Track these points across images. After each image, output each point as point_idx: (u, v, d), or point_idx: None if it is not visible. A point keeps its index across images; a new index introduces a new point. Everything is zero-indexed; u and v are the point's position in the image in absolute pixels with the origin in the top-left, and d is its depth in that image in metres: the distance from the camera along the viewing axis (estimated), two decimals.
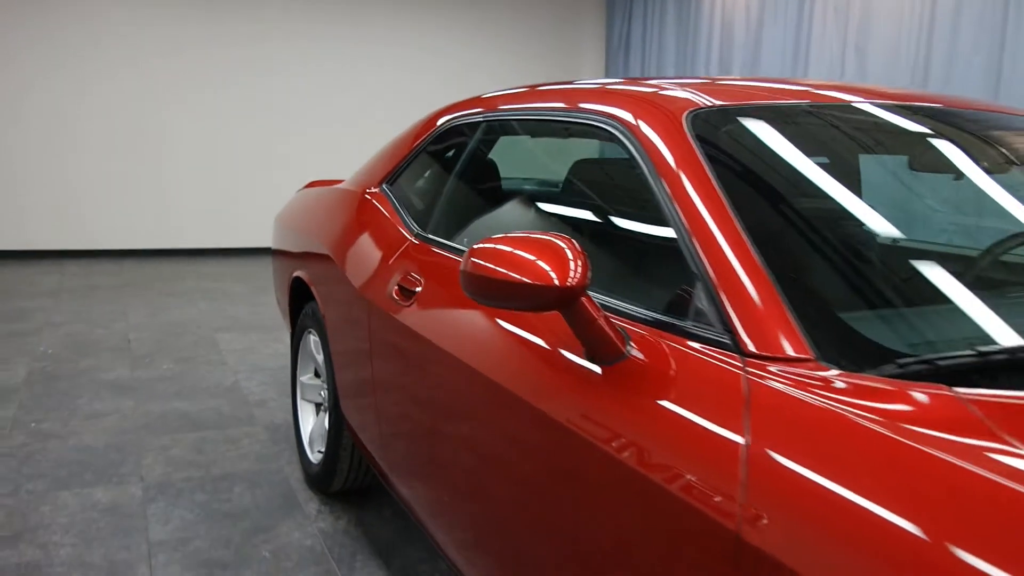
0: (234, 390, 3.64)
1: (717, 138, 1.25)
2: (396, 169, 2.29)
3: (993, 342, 0.92)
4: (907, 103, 1.48)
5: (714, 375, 0.96)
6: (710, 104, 1.33)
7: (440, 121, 2.21)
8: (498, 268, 1.09)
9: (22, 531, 2.28)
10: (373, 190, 2.35)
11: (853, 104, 1.42)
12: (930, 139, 1.41)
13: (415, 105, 7.89)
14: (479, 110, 2.02)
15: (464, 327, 1.49)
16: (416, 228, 1.99)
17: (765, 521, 0.80)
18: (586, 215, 1.58)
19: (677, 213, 1.15)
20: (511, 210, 1.83)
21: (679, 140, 1.24)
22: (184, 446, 2.96)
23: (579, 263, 1.06)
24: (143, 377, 3.78)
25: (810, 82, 1.60)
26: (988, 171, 1.33)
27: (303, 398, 2.80)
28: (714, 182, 1.15)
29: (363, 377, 2.06)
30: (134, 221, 7.31)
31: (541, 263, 1.06)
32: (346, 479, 2.48)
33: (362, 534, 2.36)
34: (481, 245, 1.13)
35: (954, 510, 0.68)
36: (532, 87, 1.91)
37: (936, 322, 0.98)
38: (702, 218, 1.12)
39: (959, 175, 1.44)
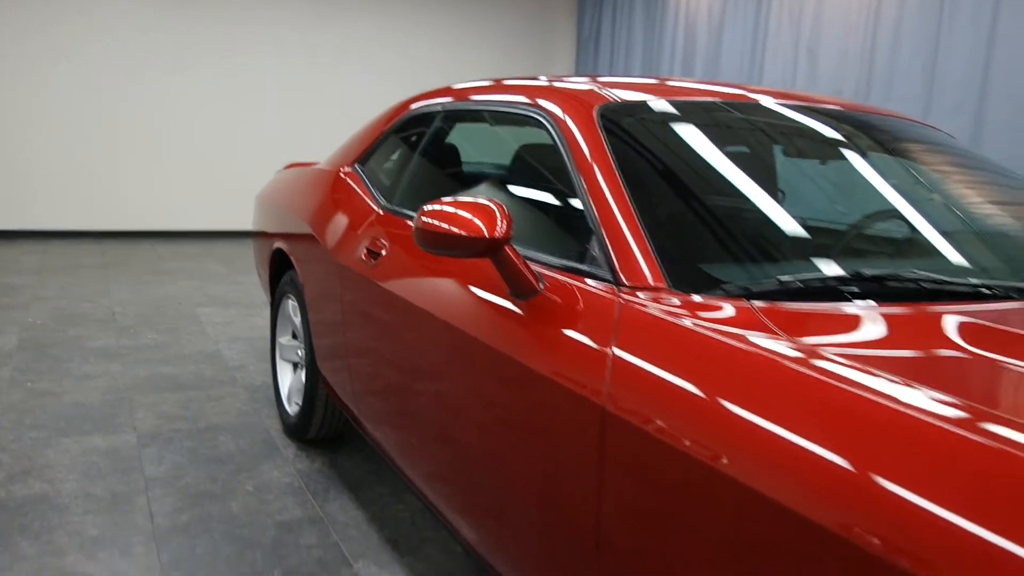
0: (215, 357, 3.93)
1: (619, 127, 1.58)
2: (367, 151, 2.60)
3: (789, 274, 1.26)
4: (785, 102, 1.82)
5: (598, 302, 1.29)
6: (617, 100, 1.66)
7: (406, 109, 2.52)
8: (442, 224, 1.41)
9: (30, 469, 2.57)
10: (347, 169, 2.66)
11: (737, 102, 1.76)
12: (800, 131, 1.75)
13: (389, 93, 8.15)
14: (441, 100, 2.33)
15: (419, 279, 1.81)
16: (383, 201, 2.30)
17: (620, 397, 1.13)
18: (520, 188, 1.90)
19: (583, 186, 1.48)
20: (462, 184, 2.15)
21: (589, 129, 1.57)
22: (171, 403, 3.24)
23: (504, 220, 1.38)
24: (129, 345, 4.05)
25: (721, 84, 1.94)
26: (841, 157, 1.68)
27: (282, 358, 3.10)
28: (612, 162, 1.48)
29: (336, 332, 2.37)
30: (116, 203, 7.52)
31: (475, 220, 1.38)
32: (320, 427, 2.79)
33: (335, 473, 2.68)
34: (429, 207, 1.45)
35: (737, 376, 1.01)
36: (488, 81, 2.22)
37: (754, 262, 1.32)
38: (600, 189, 1.45)
39: (824, 161, 1.79)
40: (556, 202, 1.67)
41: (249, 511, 2.37)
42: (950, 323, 1.11)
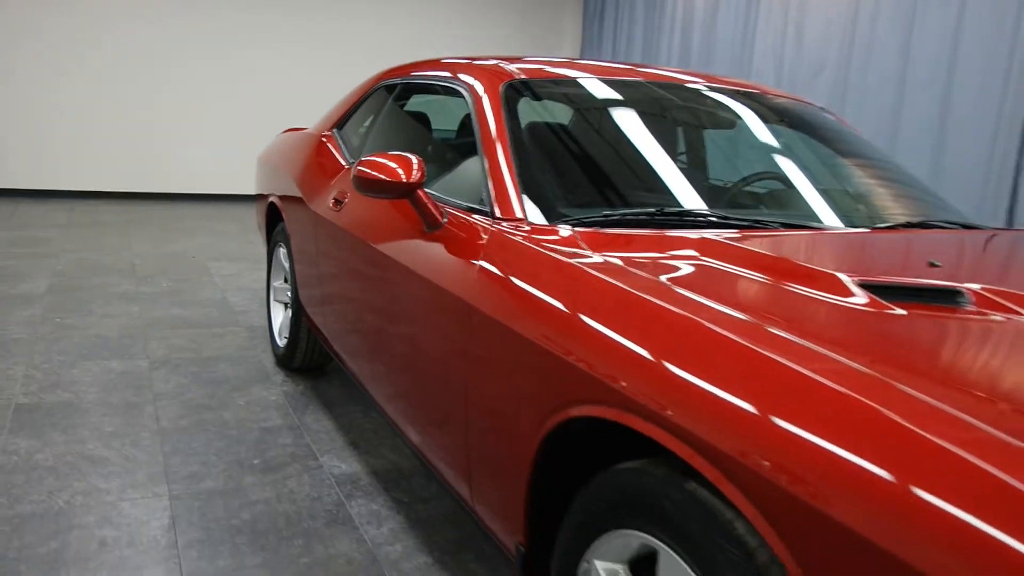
0: (222, 303, 4.39)
1: (517, 99, 1.98)
2: (344, 117, 3.02)
3: (610, 211, 1.67)
4: (662, 80, 2.20)
5: (478, 230, 1.70)
6: (519, 76, 2.05)
7: (376, 82, 2.92)
8: (371, 171, 1.82)
9: (58, 383, 3.04)
10: (327, 133, 3.07)
11: (619, 78, 2.15)
12: (663, 103, 2.14)
13: (384, 67, 8.54)
14: (401, 74, 2.73)
15: (368, 221, 2.23)
16: (351, 159, 2.72)
17: (479, 295, 1.55)
18: (447, 146, 2.31)
19: (481, 144, 1.89)
20: (407, 143, 2.56)
21: (494, 99, 1.97)
22: (181, 338, 3.72)
23: (419, 170, 1.80)
24: (146, 291, 4.53)
25: (627, 65, 2.31)
26: (699, 125, 2.06)
27: (275, 299, 3.55)
28: (505, 126, 1.88)
29: (313, 271, 2.80)
30: (138, 167, 8.01)
31: (397, 168, 1.80)
32: (304, 357, 3.24)
33: (315, 395, 3.13)
34: (364, 158, 1.87)
35: (550, 275, 1.42)
36: (437, 59, 2.62)
37: (591, 203, 1.73)
38: (493, 146, 1.85)
39: (682, 127, 2.17)
40: (467, 158, 2.07)
41: (239, 419, 2.83)
42: (708, 244, 1.51)
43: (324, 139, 3.06)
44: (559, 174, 1.80)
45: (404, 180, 1.78)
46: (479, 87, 2.07)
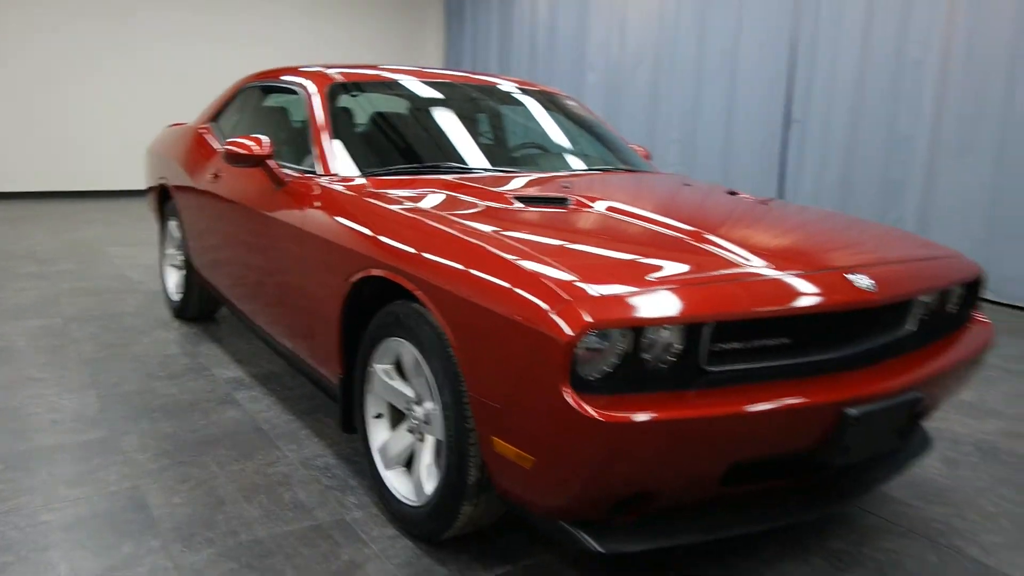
0: (121, 276, 5.09)
1: (336, 96, 2.88)
2: (218, 112, 3.84)
3: (394, 165, 2.61)
4: (441, 79, 3.16)
5: (312, 185, 2.60)
6: (339, 79, 2.96)
7: (241, 84, 3.76)
8: (234, 148, 2.69)
9: None
10: (205, 125, 3.88)
11: (413, 77, 3.09)
12: (440, 95, 3.09)
13: (266, 65, 9.23)
14: (260, 78, 3.58)
15: (236, 186, 3.08)
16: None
17: (307, 224, 2.45)
18: (291, 129, 3.19)
19: (311, 126, 2.79)
20: (266, 129, 3.42)
21: (321, 95, 2.87)
22: (88, 302, 4.43)
23: (268, 146, 2.68)
24: (52, 270, 5.17)
25: (416, 68, 3.25)
26: (468, 110, 3.03)
27: (169, 264, 4.32)
28: (328, 115, 2.79)
29: (200, 234, 3.62)
30: (25, 166, 8.40)
31: (253, 145, 2.67)
32: (196, 308, 4.04)
33: (207, 334, 3.94)
34: (230, 139, 2.73)
35: (346, 207, 2.33)
36: (286, 67, 3.48)
37: (385, 160, 2.66)
38: (318, 130, 2.75)
39: (454, 111, 3.14)
40: (303, 137, 2.97)
41: (146, 351, 3.62)
42: (441, 182, 2.47)
43: (203, 131, 3.87)
44: (362, 145, 2.73)
45: (257, 153, 2.67)
46: (311, 87, 2.96)
